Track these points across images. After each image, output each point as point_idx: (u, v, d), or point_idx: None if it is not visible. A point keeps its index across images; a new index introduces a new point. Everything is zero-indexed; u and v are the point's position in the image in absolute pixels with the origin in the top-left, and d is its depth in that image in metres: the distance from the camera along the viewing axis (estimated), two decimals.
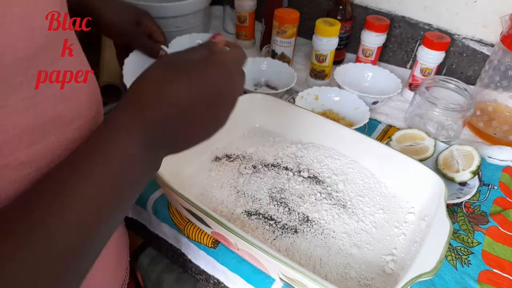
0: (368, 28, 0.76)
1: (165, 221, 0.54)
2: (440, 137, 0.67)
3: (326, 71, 0.77)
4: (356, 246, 0.48)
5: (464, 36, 0.76)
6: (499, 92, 0.66)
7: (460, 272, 0.48)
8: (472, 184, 0.57)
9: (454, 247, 0.51)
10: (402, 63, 0.86)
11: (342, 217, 0.51)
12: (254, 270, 0.47)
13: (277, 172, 0.56)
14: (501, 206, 0.57)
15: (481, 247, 0.51)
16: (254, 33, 0.91)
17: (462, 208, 0.56)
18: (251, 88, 0.73)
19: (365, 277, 0.44)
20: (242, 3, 0.84)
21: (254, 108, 0.61)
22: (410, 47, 0.83)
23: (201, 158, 0.57)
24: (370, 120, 0.71)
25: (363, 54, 0.80)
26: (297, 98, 0.68)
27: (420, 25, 0.80)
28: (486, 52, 0.75)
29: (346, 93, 0.71)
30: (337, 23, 0.72)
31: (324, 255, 0.46)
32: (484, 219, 0.54)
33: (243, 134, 0.63)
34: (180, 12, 0.80)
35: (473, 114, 0.69)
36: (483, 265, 0.49)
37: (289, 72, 0.75)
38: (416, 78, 0.74)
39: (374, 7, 0.83)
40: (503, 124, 0.67)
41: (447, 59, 0.79)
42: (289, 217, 0.50)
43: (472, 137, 0.70)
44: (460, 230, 0.53)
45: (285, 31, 0.76)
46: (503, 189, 0.59)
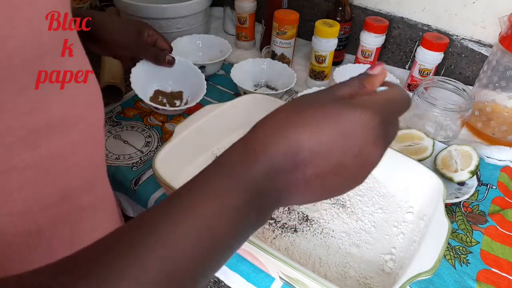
0: (367, 29, 0.77)
1: None
2: (439, 137, 0.67)
3: (325, 71, 0.77)
4: (355, 245, 0.48)
5: (463, 37, 0.77)
6: (497, 92, 0.66)
7: (459, 271, 0.48)
8: (470, 184, 0.57)
9: (453, 247, 0.51)
10: (401, 63, 0.86)
11: (342, 217, 0.51)
12: (254, 269, 0.47)
13: None
14: (499, 206, 0.57)
15: (480, 247, 0.51)
16: (254, 34, 0.91)
17: (460, 207, 0.56)
18: (251, 89, 0.73)
19: (364, 276, 0.45)
20: (242, 5, 0.84)
21: (254, 108, 0.62)
22: (409, 48, 0.84)
23: (201, 158, 0.58)
24: None
25: (362, 55, 0.80)
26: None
27: (419, 26, 0.80)
28: (485, 52, 0.75)
29: None
30: (336, 24, 0.72)
31: (324, 254, 0.47)
32: (483, 219, 0.55)
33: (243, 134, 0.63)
34: (180, 13, 0.80)
35: (472, 115, 0.69)
36: (482, 265, 0.49)
37: (289, 73, 0.75)
38: (414, 78, 0.75)
39: (373, 8, 0.84)
40: (502, 124, 0.67)
41: (445, 59, 0.79)
42: (288, 216, 0.51)
43: (470, 137, 0.71)
44: (459, 230, 0.53)
45: (285, 32, 0.76)
46: (502, 189, 0.60)
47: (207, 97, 0.75)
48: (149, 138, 0.65)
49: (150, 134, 0.65)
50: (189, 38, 0.81)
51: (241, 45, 0.91)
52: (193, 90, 0.69)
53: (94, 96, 0.34)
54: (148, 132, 0.66)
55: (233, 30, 0.93)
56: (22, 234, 0.31)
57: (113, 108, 0.70)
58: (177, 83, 0.70)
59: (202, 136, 0.56)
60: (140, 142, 0.64)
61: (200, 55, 0.83)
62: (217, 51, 0.82)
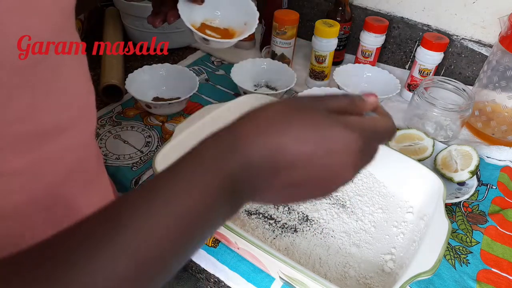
0: (367, 29, 0.77)
1: None
2: (439, 137, 0.67)
3: (325, 71, 0.77)
4: (355, 245, 0.48)
5: (463, 37, 0.77)
6: (497, 92, 0.66)
7: (459, 271, 0.48)
8: (470, 184, 0.57)
9: (453, 247, 0.51)
10: (401, 63, 0.86)
11: (342, 217, 0.51)
12: (254, 269, 0.47)
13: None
14: (499, 206, 0.57)
15: (480, 247, 0.51)
16: (254, 34, 0.91)
17: (460, 207, 0.56)
18: (251, 89, 0.73)
19: (364, 276, 0.45)
20: None
21: None
22: (409, 48, 0.84)
23: None
24: None
25: (362, 55, 0.80)
26: None
27: (419, 26, 0.80)
28: (485, 52, 0.75)
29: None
30: (336, 24, 0.72)
31: (324, 254, 0.47)
32: (483, 219, 0.55)
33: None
34: None
35: (472, 115, 0.69)
36: (482, 265, 0.49)
37: (288, 73, 0.75)
38: (414, 78, 0.75)
39: (373, 8, 0.84)
40: (502, 124, 0.67)
41: (445, 59, 0.79)
42: (288, 217, 0.51)
43: (470, 137, 0.71)
44: (459, 230, 0.53)
45: (285, 32, 0.76)
46: (502, 189, 0.60)
47: (207, 97, 0.75)
48: (149, 138, 0.65)
49: (150, 134, 0.65)
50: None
51: (241, 45, 0.91)
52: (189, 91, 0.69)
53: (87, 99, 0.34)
54: (148, 132, 0.66)
55: None
56: (14, 238, 0.30)
57: (113, 108, 0.70)
58: (172, 90, 0.72)
59: (202, 136, 0.56)
60: (140, 142, 0.64)
61: (218, 14, 0.60)
62: (240, 20, 0.60)
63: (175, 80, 0.72)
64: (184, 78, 0.71)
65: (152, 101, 0.66)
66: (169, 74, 0.72)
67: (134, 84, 0.67)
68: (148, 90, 0.71)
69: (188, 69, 0.72)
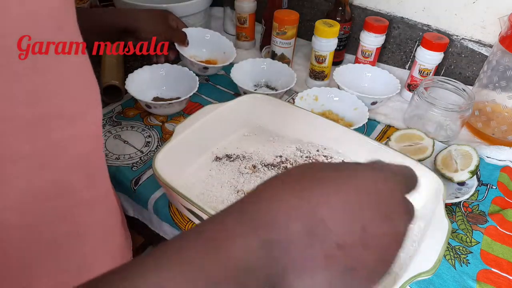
0: (367, 29, 0.77)
1: (166, 220, 0.54)
2: (439, 137, 0.67)
3: (325, 71, 0.77)
4: None
5: (463, 37, 0.77)
6: (497, 92, 0.66)
7: (459, 272, 0.48)
8: (470, 184, 0.57)
9: (453, 247, 0.51)
10: (401, 63, 0.86)
11: None
12: None
13: (276, 172, 0.56)
14: (499, 206, 0.57)
15: (480, 247, 0.51)
16: (254, 34, 0.91)
17: (460, 207, 0.56)
18: (251, 89, 0.73)
19: None
20: (242, 5, 0.84)
21: (254, 108, 0.62)
22: (409, 48, 0.84)
23: (201, 158, 0.58)
24: (369, 120, 0.71)
25: (362, 55, 0.80)
26: (297, 98, 0.69)
27: (419, 26, 0.80)
28: (485, 52, 0.75)
29: (345, 93, 0.71)
30: (336, 24, 0.72)
31: None
32: (483, 219, 0.55)
33: (243, 134, 0.63)
34: (180, 13, 0.80)
35: (472, 115, 0.69)
36: (482, 265, 0.49)
37: (288, 73, 0.75)
38: (414, 78, 0.75)
39: (373, 8, 0.84)
40: (502, 124, 0.67)
41: (445, 59, 0.79)
42: None
43: (470, 137, 0.71)
44: (459, 230, 0.53)
45: (285, 32, 0.76)
46: (502, 189, 0.60)
47: (207, 97, 0.75)
48: (149, 138, 0.65)
49: (150, 134, 0.65)
50: (197, 30, 0.81)
51: (241, 45, 0.91)
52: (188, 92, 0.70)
53: (94, 95, 0.34)
54: (148, 132, 0.66)
55: (233, 30, 0.93)
56: (18, 228, 0.31)
57: (113, 108, 0.70)
58: (172, 90, 0.73)
59: (202, 136, 0.56)
60: (140, 142, 0.64)
61: (204, 51, 0.83)
62: (220, 51, 0.82)
63: (175, 80, 0.72)
64: (184, 78, 0.71)
65: (152, 101, 0.66)
66: (169, 74, 0.72)
67: (134, 84, 0.67)
68: (148, 90, 0.71)
69: (188, 69, 0.72)
